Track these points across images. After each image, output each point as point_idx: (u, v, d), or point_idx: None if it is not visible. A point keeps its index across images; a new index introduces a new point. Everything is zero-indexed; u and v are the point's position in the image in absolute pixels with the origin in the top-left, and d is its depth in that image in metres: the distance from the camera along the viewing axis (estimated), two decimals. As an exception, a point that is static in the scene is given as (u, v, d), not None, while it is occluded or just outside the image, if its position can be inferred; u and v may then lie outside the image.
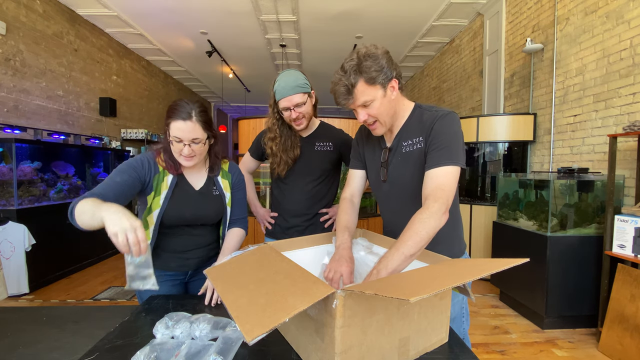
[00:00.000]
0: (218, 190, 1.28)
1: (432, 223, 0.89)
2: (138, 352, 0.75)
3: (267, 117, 1.52)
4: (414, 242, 0.87)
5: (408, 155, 1.08)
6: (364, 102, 1.00)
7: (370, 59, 0.96)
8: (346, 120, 3.14)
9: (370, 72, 0.96)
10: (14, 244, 2.90)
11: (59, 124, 4.31)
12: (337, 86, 1.00)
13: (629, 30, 2.43)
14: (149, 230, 1.17)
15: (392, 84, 1.01)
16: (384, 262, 0.86)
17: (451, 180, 0.97)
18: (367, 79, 0.97)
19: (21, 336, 1.00)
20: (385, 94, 1.01)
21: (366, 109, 1.02)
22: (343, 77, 0.98)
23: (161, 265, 1.23)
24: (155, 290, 0.93)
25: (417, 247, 0.87)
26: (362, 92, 0.98)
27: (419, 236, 0.87)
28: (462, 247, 1.18)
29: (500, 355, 2.12)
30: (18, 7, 3.66)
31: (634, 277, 2.03)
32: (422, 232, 0.88)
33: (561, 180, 2.61)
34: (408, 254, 0.86)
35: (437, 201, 0.92)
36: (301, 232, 1.56)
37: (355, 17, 4.72)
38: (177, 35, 5.51)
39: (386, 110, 1.03)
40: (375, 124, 1.06)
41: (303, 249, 1.14)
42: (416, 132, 1.07)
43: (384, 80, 0.99)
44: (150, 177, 1.16)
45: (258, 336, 0.51)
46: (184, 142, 1.10)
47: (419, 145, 1.05)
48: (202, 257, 1.31)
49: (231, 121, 13.17)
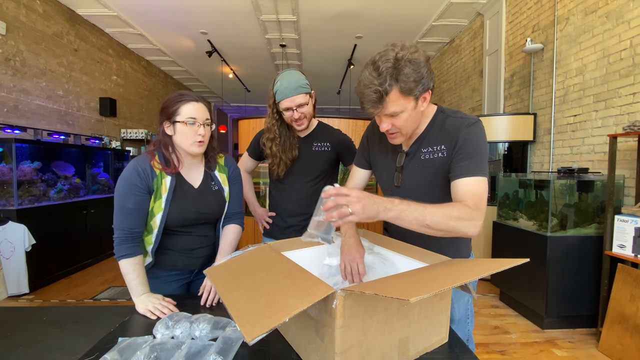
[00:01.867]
0: (217, 185, 1.27)
1: (466, 225, 0.81)
2: (138, 352, 0.75)
3: (266, 117, 1.51)
4: (440, 219, 0.78)
5: (428, 162, 1.01)
6: (393, 112, 0.90)
7: (410, 65, 0.84)
8: (345, 120, 3.13)
9: (409, 82, 0.85)
10: (14, 244, 2.90)
11: (59, 124, 4.31)
12: (367, 89, 0.87)
13: (629, 30, 2.43)
14: (152, 234, 1.17)
15: (425, 95, 0.92)
16: (403, 205, 0.76)
17: (485, 191, 0.90)
18: (404, 89, 0.86)
19: (21, 336, 1.00)
20: (416, 106, 0.92)
21: (392, 119, 0.92)
22: (376, 81, 0.85)
23: (169, 265, 1.24)
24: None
25: (439, 226, 0.78)
26: (394, 102, 0.88)
27: (448, 219, 0.79)
28: (468, 250, 1.17)
29: (500, 355, 2.12)
30: (18, 7, 3.66)
31: (634, 277, 2.03)
32: (453, 221, 0.79)
33: (561, 180, 2.61)
34: (427, 221, 0.77)
35: (479, 209, 0.85)
36: (299, 232, 1.55)
37: (355, 17, 4.72)
38: (177, 35, 5.51)
39: (412, 122, 0.95)
40: (396, 134, 0.98)
41: (303, 249, 1.14)
42: (438, 139, 1.00)
43: (420, 91, 0.89)
44: (150, 182, 1.14)
45: (258, 336, 0.51)
46: (199, 121, 1.12)
47: (441, 154, 0.99)
48: (208, 255, 1.31)
49: (231, 121, 13.17)
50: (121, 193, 1.11)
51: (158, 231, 1.16)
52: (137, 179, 1.11)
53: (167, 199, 1.15)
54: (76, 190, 3.98)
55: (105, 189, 4.57)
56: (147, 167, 1.13)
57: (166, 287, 1.23)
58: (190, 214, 1.20)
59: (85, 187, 4.20)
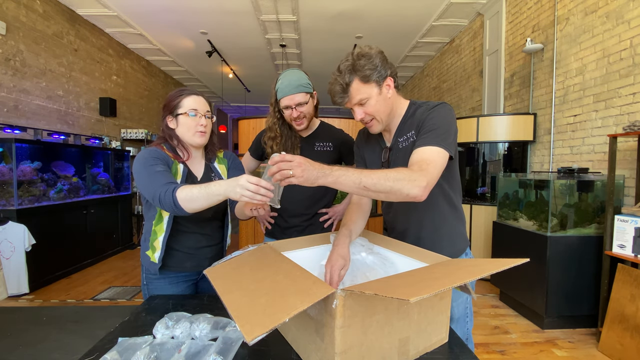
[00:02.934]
0: (217, 176, 1.30)
1: (406, 185, 0.84)
2: (138, 352, 0.75)
3: (268, 116, 1.51)
4: (377, 180, 0.83)
5: (404, 150, 1.08)
6: (359, 100, 1.02)
7: (364, 58, 0.99)
8: (346, 120, 3.13)
9: (364, 71, 0.99)
10: (14, 244, 2.90)
11: (59, 124, 4.31)
12: (333, 86, 1.03)
13: (629, 30, 2.43)
14: (162, 222, 1.17)
15: (388, 82, 1.04)
16: (342, 170, 0.84)
17: (437, 159, 0.93)
18: (362, 77, 0.99)
19: (21, 336, 1.01)
20: (380, 92, 1.03)
21: (363, 107, 1.04)
22: (339, 77, 1.01)
23: (177, 267, 1.24)
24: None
25: (375, 187, 0.83)
26: (357, 90, 1.01)
27: (384, 180, 0.84)
28: (465, 244, 1.18)
29: (500, 355, 2.12)
30: (18, 7, 3.66)
31: (634, 277, 2.04)
32: (390, 181, 0.84)
33: (561, 180, 2.61)
34: (363, 183, 0.83)
35: (422, 170, 0.88)
36: (300, 232, 1.56)
37: (355, 17, 4.72)
38: (177, 35, 5.51)
39: (382, 107, 1.05)
40: (372, 122, 1.08)
41: (303, 249, 1.14)
42: (410, 127, 1.08)
43: (379, 78, 1.01)
44: (170, 162, 1.17)
45: (258, 336, 0.51)
46: (200, 113, 1.18)
47: (412, 139, 1.06)
48: (215, 257, 1.32)
49: (231, 121, 13.17)
50: (146, 162, 1.10)
51: (169, 219, 1.17)
52: (158, 154, 1.14)
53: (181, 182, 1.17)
54: (76, 190, 3.98)
55: (105, 189, 4.57)
56: (161, 152, 1.17)
57: (175, 288, 1.24)
58: None
59: (85, 187, 4.20)
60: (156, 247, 1.18)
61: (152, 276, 1.23)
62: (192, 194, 0.98)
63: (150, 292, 1.24)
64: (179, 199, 0.98)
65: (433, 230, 1.14)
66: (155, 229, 1.18)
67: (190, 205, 0.99)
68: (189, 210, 1.01)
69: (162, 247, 1.18)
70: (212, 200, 0.97)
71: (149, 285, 1.24)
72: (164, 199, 1.00)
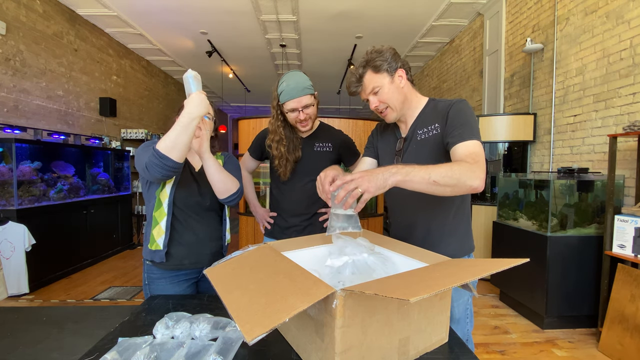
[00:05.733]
0: None
1: (470, 177, 0.87)
2: (138, 352, 0.75)
3: (270, 118, 1.51)
4: (444, 173, 0.85)
5: (424, 142, 1.11)
6: (372, 88, 1.09)
7: (375, 53, 1.09)
8: (346, 120, 3.13)
9: (376, 62, 1.07)
10: (14, 244, 2.90)
11: (59, 124, 4.31)
12: (349, 78, 1.13)
13: (629, 30, 2.43)
14: (162, 207, 1.20)
15: (399, 72, 1.10)
16: (407, 168, 0.85)
17: (481, 151, 0.96)
18: (373, 67, 1.08)
19: (21, 336, 1.01)
20: (392, 81, 1.10)
21: (376, 96, 1.10)
22: (354, 70, 1.12)
23: (176, 264, 1.25)
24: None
25: (444, 180, 0.85)
26: (370, 80, 1.09)
27: (451, 173, 0.85)
28: (471, 247, 1.20)
29: (500, 355, 2.12)
30: (18, 7, 3.66)
31: (634, 277, 2.04)
32: (456, 174, 0.85)
33: (561, 180, 2.60)
34: (432, 177, 0.84)
35: (477, 162, 0.91)
36: (300, 232, 1.56)
37: (355, 17, 4.72)
38: (177, 35, 5.50)
39: (395, 96, 1.11)
40: (387, 110, 1.13)
41: (303, 249, 1.14)
42: (431, 119, 1.11)
43: (390, 68, 1.08)
44: None
45: (258, 336, 0.51)
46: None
47: (435, 131, 1.09)
48: (214, 252, 1.33)
49: (231, 121, 13.17)
50: (143, 146, 1.18)
51: (168, 203, 1.20)
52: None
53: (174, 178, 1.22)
54: (76, 190, 3.98)
55: (105, 189, 4.57)
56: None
57: (176, 287, 1.25)
58: (193, 196, 1.26)
59: (85, 187, 4.20)
60: (160, 232, 1.20)
61: (154, 275, 1.24)
62: (169, 138, 1.02)
63: (151, 291, 1.24)
64: (160, 149, 1.02)
65: (442, 224, 1.16)
66: (155, 215, 1.20)
67: (174, 148, 1.02)
68: (176, 157, 1.03)
69: (167, 229, 1.20)
70: (190, 130, 1.02)
71: (151, 284, 1.25)
72: (150, 160, 1.03)
